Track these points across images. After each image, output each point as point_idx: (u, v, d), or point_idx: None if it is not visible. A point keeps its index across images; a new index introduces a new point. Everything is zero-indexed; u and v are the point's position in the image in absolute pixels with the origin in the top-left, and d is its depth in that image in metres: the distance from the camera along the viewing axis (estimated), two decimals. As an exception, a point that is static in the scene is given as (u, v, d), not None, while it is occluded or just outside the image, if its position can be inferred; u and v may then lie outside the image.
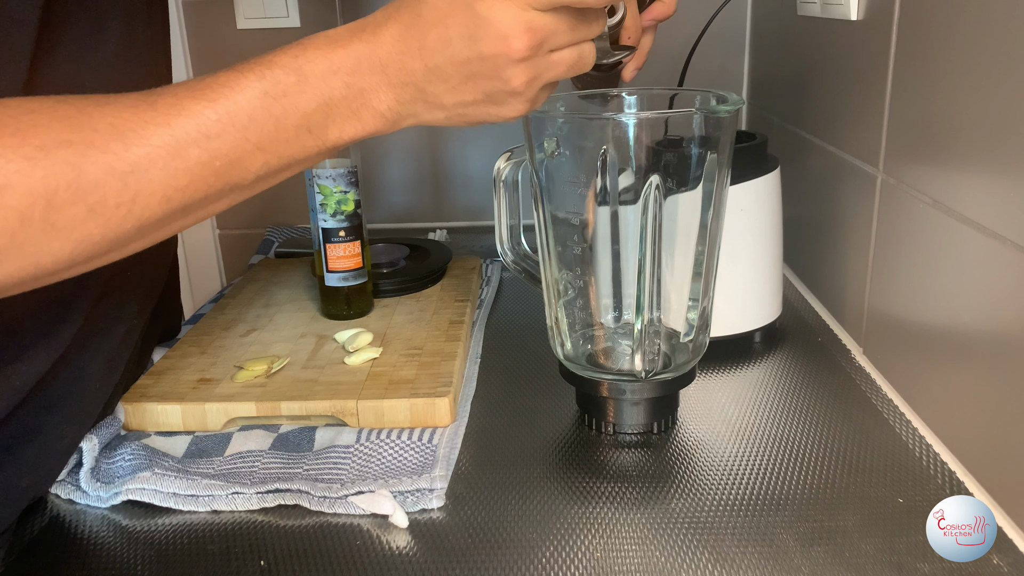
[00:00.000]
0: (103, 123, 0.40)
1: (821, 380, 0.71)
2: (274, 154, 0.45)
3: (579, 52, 0.49)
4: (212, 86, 0.43)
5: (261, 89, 0.44)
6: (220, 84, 0.43)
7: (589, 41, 0.49)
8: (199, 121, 0.42)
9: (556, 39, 0.47)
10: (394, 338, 0.76)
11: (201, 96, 0.43)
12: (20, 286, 0.41)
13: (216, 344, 0.75)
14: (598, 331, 0.67)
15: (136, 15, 0.58)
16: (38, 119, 0.39)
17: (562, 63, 0.48)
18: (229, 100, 0.43)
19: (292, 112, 0.44)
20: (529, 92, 0.48)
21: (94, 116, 0.40)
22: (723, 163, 0.60)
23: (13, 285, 0.41)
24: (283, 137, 0.45)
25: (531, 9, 0.45)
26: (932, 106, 0.62)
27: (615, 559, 0.50)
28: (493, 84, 0.47)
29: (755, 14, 1.17)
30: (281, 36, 1.20)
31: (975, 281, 0.56)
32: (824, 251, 0.87)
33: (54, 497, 0.58)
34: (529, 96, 0.48)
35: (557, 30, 0.46)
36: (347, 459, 0.59)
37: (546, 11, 0.46)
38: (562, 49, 0.48)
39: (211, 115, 0.42)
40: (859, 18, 0.76)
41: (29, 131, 0.39)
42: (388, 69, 0.46)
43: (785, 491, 0.56)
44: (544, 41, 0.46)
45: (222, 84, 0.43)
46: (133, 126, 0.41)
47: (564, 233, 0.63)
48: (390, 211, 1.28)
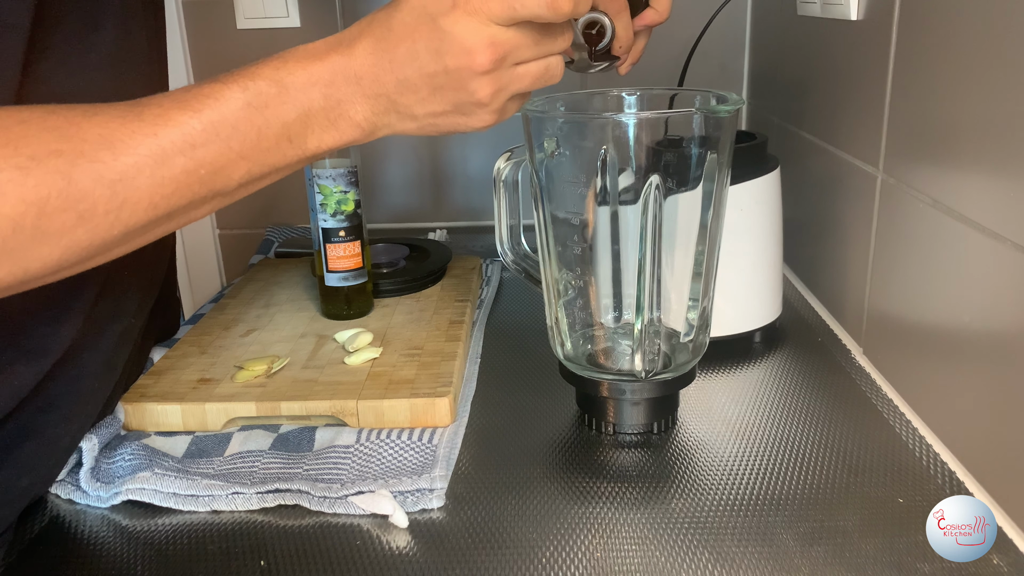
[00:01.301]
0: (92, 133, 0.41)
1: (821, 380, 0.71)
2: (256, 162, 0.46)
3: (545, 65, 0.50)
4: (197, 97, 0.44)
5: (244, 100, 0.45)
6: (205, 95, 0.45)
7: (556, 55, 0.51)
8: (184, 131, 0.43)
9: (520, 53, 0.49)
10: (394, 338, 0.76)
11: (186, 107, 0.44)
12: (7, 290, 0.42)
13: (216, 344, 0.75)
14: (598, 331, 0.67)
15: (132, 14, 0.58)
16: (29, 130, 0.40)
17: (527, 76, 0.50)
18: (213, 111, 0.44)
19: (274, 122, 0.46)
20: (495, 103, 0.50)
21: (83, 126, 0.41)
22: (723, 163, 0.60)
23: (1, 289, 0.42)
24: (264, 146, 0.46)
25: (493, 24, 0.47)
26: (932, 106, 0.62)
27: (615, 559, 0.50)
28: (459, 96, 0.49)
29: (755, 14, 1.17)
30: (281, 36, 1.20)
31: (975, 281, 0.56)
32: (824, 251, 0.87)
33: (54, 497, 0.58)
34: (495, 107, 0.50)
35: (520, 44, 0.48)
36: (347, 459, 0.59)
37: (509, 26, 0.47)
38: (528, 62, 0.50)
39: (196, 125, 0.44)
40: (859, 18, 0.76)
41: (20, 142, 0.39)
42: (362, 81, 0.48)
43: (785, 491, 0.56)
44: (507, 55, 0.48)
45: (206, 95, 0.45)
46: (121, 136, 0.42)
47: (564, 233, 0.63)
48: (390, 211, 1.28)
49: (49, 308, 0.54)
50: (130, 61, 0.58)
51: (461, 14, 0.46)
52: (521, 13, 0.46)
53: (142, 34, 0.60)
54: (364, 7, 1.20)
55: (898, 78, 0.68)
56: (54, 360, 0.55)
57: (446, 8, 0.46)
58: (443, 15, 0.46)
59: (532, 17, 0.47)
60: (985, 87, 0.54)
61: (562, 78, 0.52)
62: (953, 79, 0.59)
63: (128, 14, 0.57)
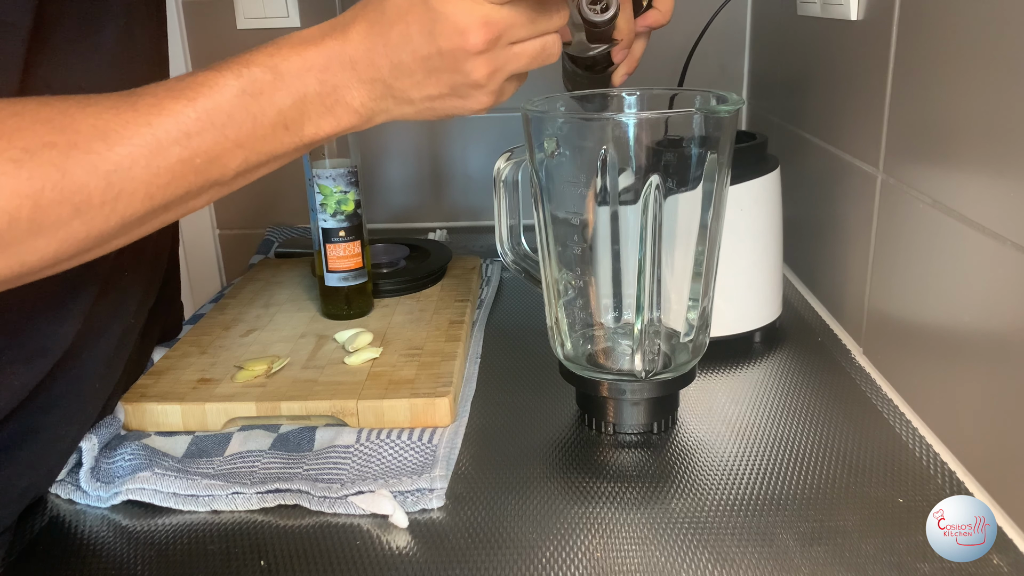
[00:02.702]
0: (85, 124, 0.41)
1: (821, 380, 0.71)
2: (252, 150, 0.46)
3: (542, 44, 0.50)
4: (191, 85, 0.44)
5: (239, 87, 0.45)
6: (199, 83, 0.44)
7: (553, 33, 0.50)
8: (179, 120, 0.43)
9: (515, 32, 0.48)
10: (394, 338, 0.76)
11: (181, 95, 0.44)
12: (5, 283, 0.42)
13: (216, 344, 0.75)
14: (598, 331, 0.67)
15: (135, 15, 0.58)
16: (22, 122, 0.40)
17: (524, 55, 0.49)
18: (208, 99, 0.44)
19: (269, 109, 0.46)
20: (492, 84, 0.49)
21: (76, 117, 0.41)
22: (723, 163, 0.60)
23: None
24: (260, 134, 0.46)
25: (486, 3, 0.46)
26: (932, 106, 0.62)
27: (615, 559, 0.50)
28: (455, 78, 0.48)
29: (755, 14, 1.17)
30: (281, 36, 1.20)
31: (975, 281, 0.56)
32: (824, 251, 0.87)
33: (54, 497, 0.58)
34: (492, 88, 0.49)
35: (515, 23, 0.47)
36: (347, 459, 0.59)
37: (503, 4, 0.46)
38: (523, 41, 0.49)
39: (191, 114, 0.43)
40: (859, 18, 0.76)
41: (14, 134, 0.39)
42: (357, 65, 0.47)
43: (785, 491, 0.56)
44: (502, 34, 0.47)
45: (201, 83, 0.44)
46: (115, 126, 0.42)
47: (564, 233, 0.63)
48: (390, 211, 1.28)
49: (49, 308, 0.54)
50: (133, 62, 0.58)
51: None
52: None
53: (144, 35, 0.60)
54: (364, 7, 1.20)
55: (898, 78, 0.68)
56: (54, 361, 0.55)
57: None
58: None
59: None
60: (985, 87, 0.54)
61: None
62: (953, 79, 0.59)
63: (130, 15, 0.57)
